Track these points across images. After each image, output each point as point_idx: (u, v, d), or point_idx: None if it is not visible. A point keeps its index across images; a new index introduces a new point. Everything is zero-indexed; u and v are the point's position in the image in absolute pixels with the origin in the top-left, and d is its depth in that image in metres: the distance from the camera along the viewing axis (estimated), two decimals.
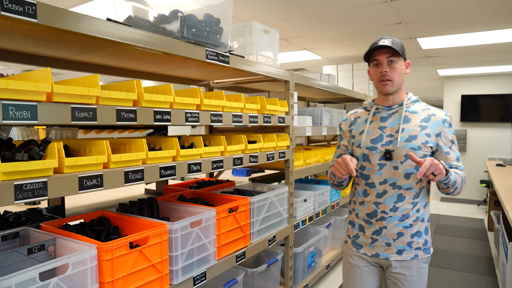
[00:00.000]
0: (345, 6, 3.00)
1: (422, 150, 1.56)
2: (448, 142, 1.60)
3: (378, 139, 1.62)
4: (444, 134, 1.59)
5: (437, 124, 1.59)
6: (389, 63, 1.57)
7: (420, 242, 1.62)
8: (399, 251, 1.61)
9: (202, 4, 1.89)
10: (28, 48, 1.68)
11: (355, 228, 1.72)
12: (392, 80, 1.57)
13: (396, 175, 1.58)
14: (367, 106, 1.75)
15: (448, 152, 1.60)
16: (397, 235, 1.60)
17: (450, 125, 1.61)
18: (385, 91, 1.60)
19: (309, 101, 5.09)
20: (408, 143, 1.56)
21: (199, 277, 1.79)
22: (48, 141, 1.29)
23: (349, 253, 1.75)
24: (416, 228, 1.61)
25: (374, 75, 1.63)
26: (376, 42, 1.58)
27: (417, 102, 1.68)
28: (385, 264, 1.66)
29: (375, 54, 1.59)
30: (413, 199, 1.59)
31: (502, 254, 3.19)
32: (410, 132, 1.57)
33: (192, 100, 1.82)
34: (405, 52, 1.61)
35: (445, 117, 1.61)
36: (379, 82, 1.60)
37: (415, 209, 1.60)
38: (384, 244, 1.62)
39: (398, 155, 1.57)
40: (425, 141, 1.56)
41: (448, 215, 6.13)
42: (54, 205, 2.11)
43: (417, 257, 1.62)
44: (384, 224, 1.61)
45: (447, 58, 5.16)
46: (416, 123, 1.59)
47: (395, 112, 1.64)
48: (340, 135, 1.83)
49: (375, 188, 1.62)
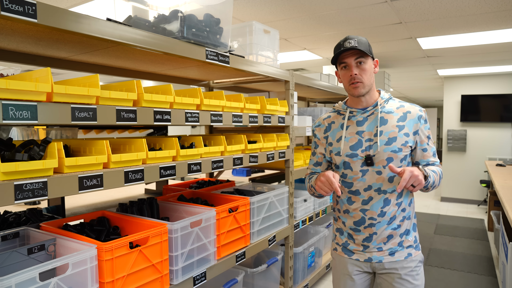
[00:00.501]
0: (345, 6, 2.99)
1: (403, 152, 1.53)
2: (425, 139, 1.58)
3: (357, 145, 1.57)
4: (421, 131, 1.56)
5: (414, 121, 1.56)
6: (357, 65, 1.52)
7: (410, 240, 1.60)
8: (391, 252, 1.58)
9: (202, 4, 1.89)
10: (28, 48, 1.68)
11: (344, 236, 1.67)
12: (362, 81, 1.53)
13: (380, 180, 1.54)
14: (340, 110, 1.68)
15: (425, 148, 1.58)
16: (387, 238, 1.57)
17: (425, 120, 1.58)
18: (356, 94, 1.55)
19: (309, 101, 5.09)
20: (389, 146, 1.52)
21: (199, 277, 1.79)
22: (48, 141, 1.29)
23: (341, 261, 1.69)
24: (404, 227, 1.59)
25: (343, 78, 1.58)
26: (341, 44, 1.52)
27: (391, 99, 1.63)
28: (378, 267, 1.61)
29: (343, 56, 1.54)
30: (397, 200, 1.56)
31: (502, 254, 3.19)
32: (389, 134, 1.53)
33: (192, 100, 1.82)
34: (372, 51, 1.56)
35: (420, 113, 1.58)
36: (350, 85, 1.55)
37: (400, 209, 1.57)
38: (376, 249, 1.59)
39: (380, 159, 1.53)
40: (405, 142, 1.53)
41: (448, 215, 6.13)
42: (54, 205, 2.11)
43: (411, 255, 1.59)
44: (374, 230, 1.57)
45: (447, 58, 5.16)
46: (393, 124, 1.55)
47: (370, 114, 1.59)
48: (315, 142, 1.76)
49: (360, 195, 1.58)
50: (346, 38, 1.52)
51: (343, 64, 1.55)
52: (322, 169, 1.76)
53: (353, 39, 1.50)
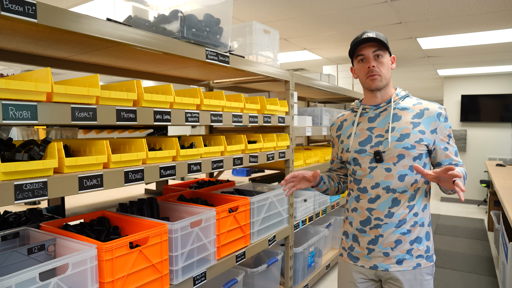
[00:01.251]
0: (345, 6, 2.99)
1: (416, 149, 1.44)
2: (446, 138, 1.48)
3: (366, 141, 1.52)
4: (440, 130, 1.46)
5: (432, 119, 1.46)
6: (375, 58, 1.46)
7: (421, 249, 1.48)
8: (399, 260, 1.47)
9: (202, 4, 1.89)
10: (28, 48, 1.68)
11: (349, 238, 1.60)
12: (380, 75, 1.47)
13: (389, 177, 1.46)
14: (354, 107, 1.64)
15: (446, 147, 1.48)
16: (395, 243, 1.46)
17: (446, 118, 1.48)
18: (374, 86, 1.49)
19: (309, 101, 5.09)
20: (400, 142, 1.44)
21: (199, 277, 1.79)
22: (48, 141, 1.29)
23: (346, 267, 1.61)
24: (415, 234, 1.47)
25: (360, 71, 1.52)
26: (360, 36, 1.47)
27: (407, 97, 1.55)
28: (384, 276, 1.51)
29: (360, 49, 1.48)
30: (408, 202, 1.47)
31: (502, 254, 3.19)
32: (402, 130, 1.45)
33: (192, 100, 1.82)
34: (389, 47, 1.53)
35: (440, 110, 1.47)
36: (367, 78, 1.49)
37: (412, 213, 1.47)
38: (382, 254, 1.49)
39: (391, 156, 1.46)
40: (419, 139, 1.44)
41: (448, 215, 6.13)
42: (54, 205, 2.11)
43: (420, 266, 1.47)
44: (380, 232, 1.48)
45: (447, 58, 5.16)
46: (408, 120, 1.47)
47: (383, 110, 1.53)
48: (331, 141, 1.76)
49: (367, 193, 1.51)
50: (364, 31, 1.48)
51: (361, 57, 1.49)
52: (334, 167, 1.79)
53: (371, 32, 1.46)
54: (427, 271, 1.49)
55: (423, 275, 1.47)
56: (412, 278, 1.46)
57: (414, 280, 1.46)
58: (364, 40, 1.45)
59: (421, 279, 1.47)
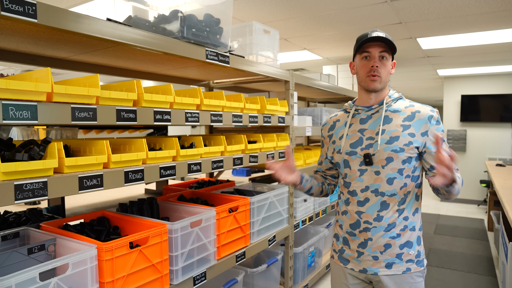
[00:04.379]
0: (345, 6, 2.99)
1: (405, 152, 1.42)
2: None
3: (357, 143, 1.50)
4: (431, 133, 1.43)
5: (422, 121, 1.44)
6: (380, 59, 1.45)
7: (411, 254, 1.47)
8: (388, 264, 1.46)
9: (202, 4, 1.89)
10: (28, 48, 1.68)
11: (340, 241, 1.59)
12: (381, 76, 1.45)
13: (377, 180, 1.45)
14: (347, 108, 1.63)
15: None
16: (384, 247, 1.45)
17: (437, 121, 1.45)
18: (372, 87, 1.47)
19: (309, 101, 5.09)
20: (389, 145, 1.43)
21: (199, 277, 1.79)
22: (48, 141, 1.29)
23: (337, 269, 1.61)
24: (405, 238, 1.45)
25: (361, 68, 1.49)
26: (370, 33, 1.43)
27: (400, 99, 1.53)
28: (374, 280, 1.50)
29: (367, 46, 1.45)
30: (398, 206, 1.45)
31: (502, 254, 3.19)
32: (392, 133, 1.44)
33: (192, 100, 1.82)
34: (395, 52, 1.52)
35: (431, 113, 1.45)
36: (367, 77, 1.46)
37: (401, 217, 1.45)
38: (371, 257, 1.47)
39: (379, 158, 1.44)
40: (408, 142, 1.42)
41: (448, 215, 6.13)
42: (54, 205, 2.11)
43: (410, 270, 1.46)
44: (369, 236, 1.46)
45: (447, 58, 5.16)
46: (398, 123, 1.45)
47: (375, 112, 1.51)
48: (322, 140, 1.72)
49: (357, 196, 1.50)
50: (374, 29, 1.45)
51: (366, 54, 1.47)
52: (322, 168, 1.74)
53: (381, 32, 1.44)
54: (418, 274, 1.48)
55: (413, 278, 1.47)
56: (401, 282, 1.46)
57: (403, 284, 1.46)
58: (374, 38, 1.42)
59: (411, 282, 1.46)
